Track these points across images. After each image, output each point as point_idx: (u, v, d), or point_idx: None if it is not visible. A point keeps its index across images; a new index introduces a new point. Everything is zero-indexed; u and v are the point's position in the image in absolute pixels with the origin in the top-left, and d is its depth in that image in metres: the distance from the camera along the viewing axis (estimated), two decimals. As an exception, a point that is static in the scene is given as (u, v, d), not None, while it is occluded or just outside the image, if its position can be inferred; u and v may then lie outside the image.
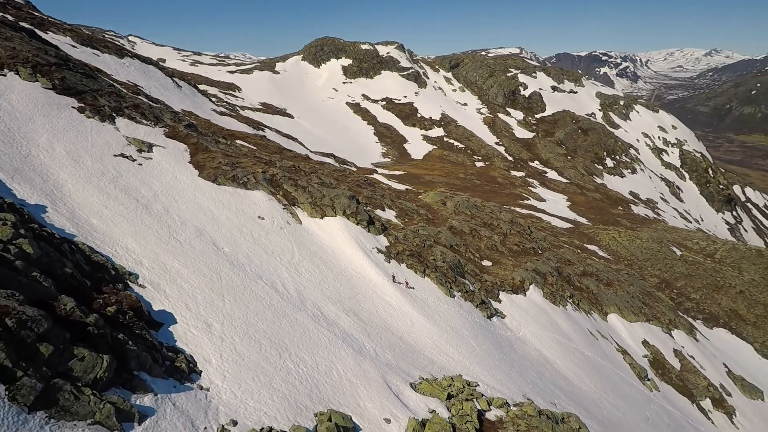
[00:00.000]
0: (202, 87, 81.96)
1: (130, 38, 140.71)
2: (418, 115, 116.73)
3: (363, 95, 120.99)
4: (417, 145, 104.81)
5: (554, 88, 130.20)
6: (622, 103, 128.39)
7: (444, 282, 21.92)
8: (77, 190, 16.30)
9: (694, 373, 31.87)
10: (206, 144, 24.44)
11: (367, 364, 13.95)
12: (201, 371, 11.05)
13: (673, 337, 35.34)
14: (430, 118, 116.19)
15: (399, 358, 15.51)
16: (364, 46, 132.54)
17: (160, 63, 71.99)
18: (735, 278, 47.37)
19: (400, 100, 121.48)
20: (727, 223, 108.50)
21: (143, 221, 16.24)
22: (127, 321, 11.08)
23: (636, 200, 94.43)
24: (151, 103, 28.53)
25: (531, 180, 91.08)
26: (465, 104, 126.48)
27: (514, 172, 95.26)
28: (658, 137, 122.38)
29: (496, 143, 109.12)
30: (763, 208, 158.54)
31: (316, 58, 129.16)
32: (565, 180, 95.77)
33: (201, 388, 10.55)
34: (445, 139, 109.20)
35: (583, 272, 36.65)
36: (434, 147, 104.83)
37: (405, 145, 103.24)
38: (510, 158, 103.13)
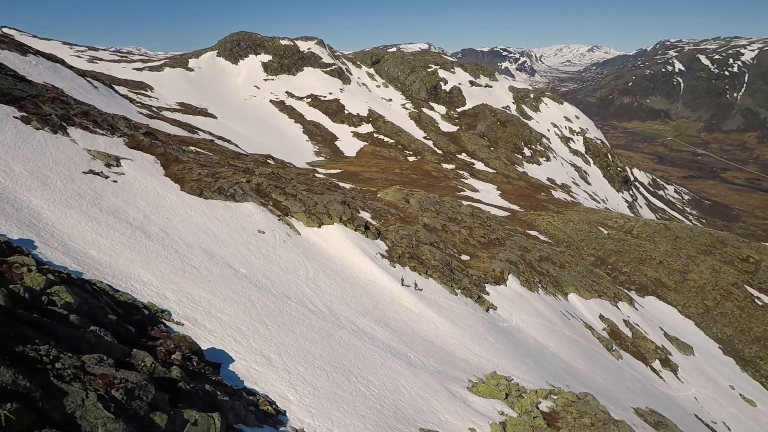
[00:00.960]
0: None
1: (4, 30, 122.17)
2: (346, 112, 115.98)
3: (287, 92, 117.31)
4: (348, 143, 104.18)
5: (472, 83, 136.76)
6: (532, 96, 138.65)
7: (446, 281, 22.16)
8: (59, 217, 13.90)
9: (642, 339, 35.63)
10: (176, 154, 22.07)
11: (424, 375, 13.67)
12: (285, 411, 10.06)
13: (619, 308, 39.18)
14: (358, 114, 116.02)
15: (442, 364, 15.41)
16: (283, 42, 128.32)
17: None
18: (653, 250, 53.65)
19: (325, 96, 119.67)
20: (626, 201, 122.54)
21: (147, 248, 14.31)
22: (196, 367, 9.72)
23: (554, 186, 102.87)
24: (99, 110, 25.04)
25: (462, 172, 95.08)
26: (390, 100, 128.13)
27: (445, 165, 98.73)
28: (565, 127, 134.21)
29: (425, 137, 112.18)
30: (648, 186, 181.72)
31: (233, 54, 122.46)
32: (491, 170, 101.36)
33: (296, 430, 9.60)
34: (375, 135, 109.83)
35: (540, 257, 39.15)
36: (365, 143, 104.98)
37: (336, 143, 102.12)
38: (439, 151, 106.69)
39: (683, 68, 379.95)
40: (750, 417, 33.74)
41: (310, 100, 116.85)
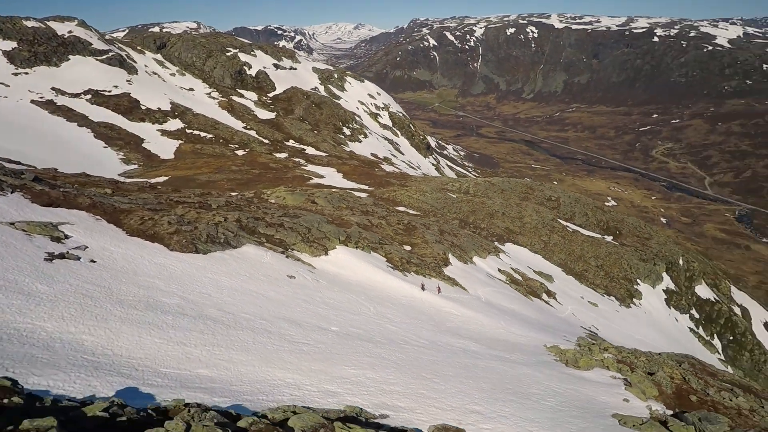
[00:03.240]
0: None
1: None
2: (143, 107, 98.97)
3: (54, 89, 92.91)
4: (158, 143, 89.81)
5: (276, 66, 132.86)
6: (336, 75, 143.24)
7: (444, 277, 22.87)
8: (108, 340, 9.57)
9: (528, 279, 43.27)
10: (108, 202, 16.28)
11: (545, 370, 14.55)
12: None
13: (501, 259, 46.34)
14: (159, 109, 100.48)
15: (526, 354, 16.46)
16: (29, 23, 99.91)
17: None
18: (493, 205, 64.15)
19: (110, 91, 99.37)
20: (433, 164, 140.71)
21: (241, 339, 11.08)
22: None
23: (380, 160, 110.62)
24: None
25: (297, 159, 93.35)
26: (191, 89, 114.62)
27: (278, 155, 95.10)
28: (371, 103, 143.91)
29: (245, 128, 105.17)
30: (436, 148, 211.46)
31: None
32: (323, 153, 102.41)
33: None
34: (188, 131, 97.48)
35: (439, 231, 42.89)
36: (180, 142, 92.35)
37: (145, 145, 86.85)
38: (266, 141, 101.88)
39: (436, 43, 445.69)
40: (599, 315, 45.11)
41: (90, 96, 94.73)
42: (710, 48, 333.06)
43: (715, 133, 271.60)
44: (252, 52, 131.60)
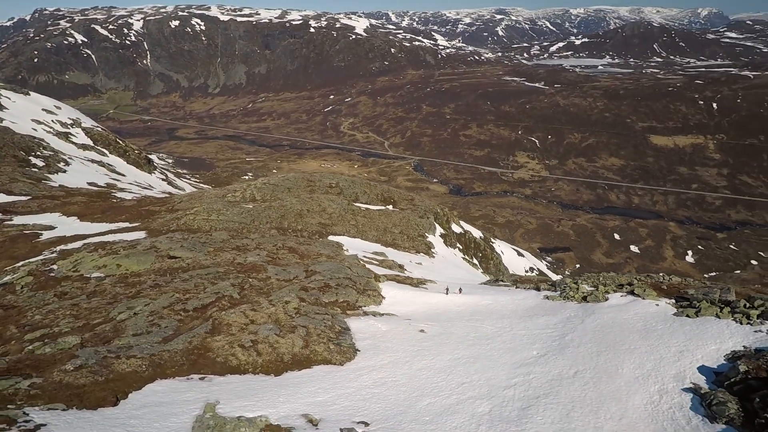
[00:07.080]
0: None
1: None
2: None
3: None
4: None
5: None
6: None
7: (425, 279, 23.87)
8: None
9: (382, 261, 47.37)
10: (158, 353, 10.10)
11: (602, 313, 18.68)
12: None
13: (347, 250, 48.48)
14: None
15: (570, 310, 20.10)
16: None
17: None
18: (293, 205, 64.26)
19: None
20: (163, 179, 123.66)
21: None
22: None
23: (107, 188, 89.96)
24: None
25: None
26: None
27: (-54, 216, 64.00)
28: (52, 121, 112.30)
29: None
30: (159, 160, 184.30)
31: None
32: (23, 198, 75.03)
33: None
34: None
35: (297, 243, 41.29)
36: None
37: None
38: None
39: (86, 39, 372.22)
40: (430, 270, 53.82)
41: None
42: (354, 37, 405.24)
43: (378, 106, 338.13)
44: None
